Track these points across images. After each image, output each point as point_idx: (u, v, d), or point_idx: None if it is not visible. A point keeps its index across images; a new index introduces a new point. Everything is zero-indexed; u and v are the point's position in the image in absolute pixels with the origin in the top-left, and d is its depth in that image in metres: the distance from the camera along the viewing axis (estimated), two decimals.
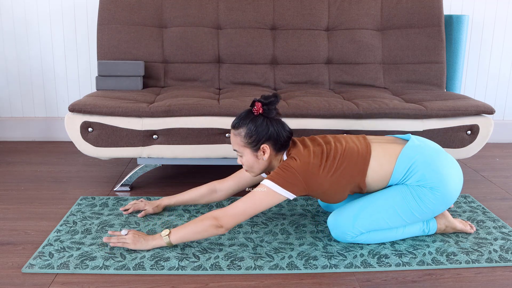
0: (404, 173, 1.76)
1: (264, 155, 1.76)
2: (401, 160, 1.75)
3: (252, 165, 1.79)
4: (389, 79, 2.85)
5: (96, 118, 2.20)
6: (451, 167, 1.76)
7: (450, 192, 1.75)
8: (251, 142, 1.74)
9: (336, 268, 1.68)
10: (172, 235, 1.72)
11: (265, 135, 1.74)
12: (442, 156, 1.78)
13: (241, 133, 1.75)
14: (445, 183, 1.73)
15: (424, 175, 1.73)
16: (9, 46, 3.10)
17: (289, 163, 1.71)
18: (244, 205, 1.68)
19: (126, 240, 1.74)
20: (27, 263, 1.66)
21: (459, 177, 1.79)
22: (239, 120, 1.76)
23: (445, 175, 1.73)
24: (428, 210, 1.76)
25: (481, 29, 3.26)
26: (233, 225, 1.70)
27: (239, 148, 1.77)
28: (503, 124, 3.42)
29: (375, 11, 2.87)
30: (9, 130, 3.22)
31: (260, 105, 1.74)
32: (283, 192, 1.69)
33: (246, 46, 2.79)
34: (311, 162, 1.71)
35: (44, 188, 2.39)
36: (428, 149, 1.78)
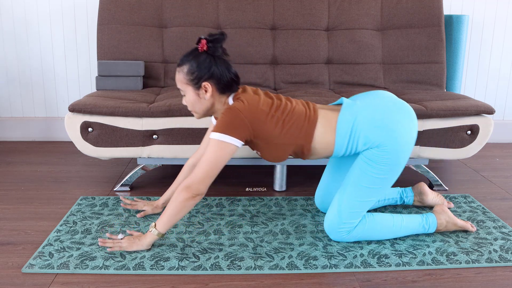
0: (348, 140, 1.74)
1: (205, 94, 1.74)
2: (340, 126, 1.74)
3: (194, 104, 1.77)
4: (389, 79, 2.85)
5: (96, 118, 2.20)
6: (393, 114, 1.72)
7: (400, 140, 1.71)
8: (193, 79, 1.72)
9: (336, 268, 1.68)
10: (158, 225, 1.72)
11: (207, 72, 1.72)
12: (381, 106, 1.74)
13: (184, 70, 1.73)
14: (390, 134, 1.70)
15: (367, 136, 1.71)
16: (9, 46, 3.10)
17: (234, 105, 1.69)
18: (204, 167, 1.67)
19: (122, 244, 1.74)
20: (27, 263, 1.66)
21: (406, 119, 1.73)
22: (183, 57, 1.75)
23: (387, 126, 1.70)
24: (387, 166, 1.72)
25: (481, 29, 3.26)
26: (205, 188, 1.68)
27: (182, 85, 1.76)
28: (503, 124, 3.42)
29: (375, 11, 2.87)
30: (9, 130, 3.22)
31: (205, 42, 1.72)
32: (230, 140, 1.66)
33: (246, 46, 2.79)
34: (259, 108, 1.71)
35: (44, 188, 2.39)
36: (364, 106, 1.75)
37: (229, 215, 2.09)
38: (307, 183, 2.52)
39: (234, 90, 1.79)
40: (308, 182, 2.54)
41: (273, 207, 2.18)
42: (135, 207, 2.09)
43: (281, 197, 2.30)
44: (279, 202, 2.25)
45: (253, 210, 2.15)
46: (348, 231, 1.80)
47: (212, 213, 2.11)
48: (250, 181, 2.54)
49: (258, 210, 2.15)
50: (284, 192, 2.39)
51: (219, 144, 1.67)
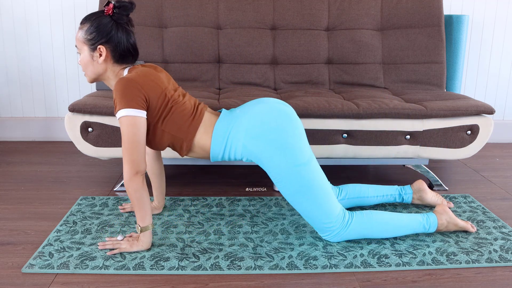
0: (224, 147, 1.75)
1: (99, 57, 1.72)
2: (216, 133, 1.75)
3: (87, 65, 1.74)
4: (389, 79, 2.85)
5: (96, 118, 2.20)
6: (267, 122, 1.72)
7: (281, 148, 1.70)
8: (90, 40, 1.70)
9: (336, 268, 1.68)
10: (139, 222, 1.72)
11: (105, 36, 1.70)
12: (255, 115, 1.74)
13: (84, 28, 1.71)
14: (267, 144, 1.70)
15: (245, 146, 1.73)
16: (9, 46, 3.10)
17: (126, 76, 1.68)
18: (130, 149, 1.64)
19: (122, 245, 1.74)
20: (27, 263, 1.66)
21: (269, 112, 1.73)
22: (87, 16, 1.74)
23: (263, 136, 1.70)
24: (291, 174, 1.71)
25: (481, 29, 3.26)
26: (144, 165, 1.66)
27: (79, 44, 1.73)
28: (503, 124, 3.42)
29: (375, 11, 2.87)
30: (9, 130, 3.22)
31: (112, 6, 1.71)
32: (133, 112, 1.63)
33: (246, 46, 2.79)
34: (154, 81, 1.70)
35: (44, 188, 2.39)
36: (241, 116, 1.76)
37: (229, 215, 2.09)
38: None
39: (129, 62, 1.77)
40: None
41: (273, 207, 2.18)
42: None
43: (281, 197, 2.30)
44: (279, 202, 2.25)
45: (253, 210, 2.15)
46: (340, 226, 1.79)
47: (212, 213, 2.11)
48: (250, 181, 2.54)
49: (258, 210, 2.15)
50: None
51: (126, 120, 1.64)
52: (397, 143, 2.31)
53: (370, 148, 2.30)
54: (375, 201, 2.14)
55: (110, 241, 1.77)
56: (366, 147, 2.30)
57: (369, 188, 2.13)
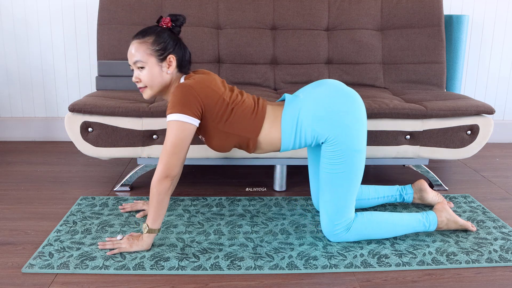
0: (294, 135, 1.74)
1: (168, 68, 1.73)
2: (284, 122, 1.74)
3: (154, 78, 1.72)
4: (389, 79, 2.85)
5: (96, 118, 2.20)
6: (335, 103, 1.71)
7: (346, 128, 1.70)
8: (159, 50, 1.71)
9: (336, 268, 1.68)
10: (148, 223, 1.72)
11: (173, 46, 1.72)
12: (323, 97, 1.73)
13: (149, 41, 1.71)
14: (335, 126, 1.70)
15: (314, 130, 1.72)
16: (9, 46, 3.10)
17: (184, 83, 1.68)
18: (170, 152, 1.64)
19: (122, 245, 1.74)
20: (27, 263, 1.66)
21: (347, 104, 1.72)
22: (146, 30, 1.73)
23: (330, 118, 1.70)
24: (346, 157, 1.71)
25: (481, 29, 3.26)
26: (177, 171, 1.67)
27: (143, 57, 1.70)
28: (503, 124, 3.42)
29: (375, 11, 2.87)
30: (9, 130, 3.22)
31: (169, 19, 1.73)
32: (185, 118, 1.64)
33: (246, 46, 2.79)
34: (211, 87, 1.70)
35: (44, 188, 2.39)
36: (307, 99, 1.75)
37: (229, 215, 2.09)
38: (307, 183, 2.52)
39: (187, 72, 1.79)
40: (308, 182, 2.54)
41: (273, 207, 2.18)
42: (134, 208, 2.09)
43: (281, 197, 2.30)
44: (279, 202, 2.25)
45: (253, 210, 2.15)
46: (345, 229, 1.80)
47: (212, 213, 2.11)
48: (250, 181, 2.54)
49: (258, 210, 2.15)
50: (284, 192, 2.39)
51: (176, 124, 1.64)
52: (397, 143, 2.31)
53: (370, 148, 2.30)
54: (375, 203, 2.14)
55: (110, 241, 1.77)
56: (366, 147, 2.30)
57: (370, 190, 2.13)
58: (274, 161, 2.32)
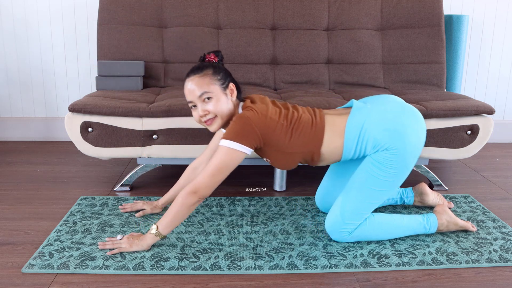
0: (356, 143, 1.74)
1: (231, 95, 1.77)
2: (349, 130, 1.75)
3: (223, 105, 1.75)
4: (389, 79, 2.85)
5: (96, 118, 2.20)
6: (402, 118, 1.73)
7: (409, 144, 1.72)
8: (221, 79, 1.75)
9: (336, 268, 1.68)
10: (159, 227, 1.72)
11: (229, 75, 1.78)
12: (391, 110, 1.75)
13: (208, 73, 1.74)
14: (399, 137, 1.70)
15: (376, 139, 1.72)
16: (9, 46, 3.10)
17: (244, 113, 1.71)
18: (211, 172, 1.67)
19: (122, 245, 1.74)
20: (27, 263, 1.66)
21: (415, 124, 1.75)
22: (198, 65, 1.77)
23: (396, 129, 1.71)
24: (395, 169, 1.73)
25: (481, 29, 3.26)
26: (209, 193, 1.69)
27: (208, 88, 1.73)
28: (503, 124, 3.42)
29: (375, 11, 2.87)
30: (9, 130, 3.22)
31: (214, 55, 1.78)
32: (240, 147, 1.67)
33: (246, 46, 2.79)
34: (269, 116, 1.72)
35: (44, 188, 2.39)
36: (375, 108, 1.76)
37: (229, 215, 2.09)
38: (307, 183, 2.52)
39: (241, 98, 1.83)
40: (308, 182, 2.54)
41: (273, 207, 2.18)
42: (134, 208, 2.09)
43: (281, 197, 2.30)
44: (279, 202, 2.25)
45: (253, 210, 2.15)
46: (350, 231, 1.80)
47: (212, 213, 2.11)
48: (250, 181, 2.54)
49: (258, 210, 2.15)
50: (284, 192, 2.39)
51: (228, 150, 1.68)
52: None
53: None
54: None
55: (110, 241, 1.77)
56: None
57: None
58: None
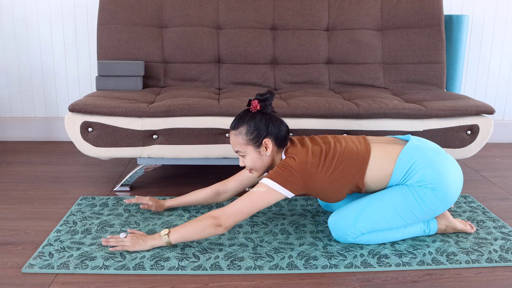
0: (404, 174, 1.75)
1: (266, 150, 1.77)
2: (401, 160, 1.75)
3: (256, 162, 1.79)
4: (389, 79, 2.85)
5: (96, 118, 2.20)
6: (451, 168, 1.76)
7: (451, 192, 1.75)
8: (253, 139, 1.75)
9: (336, 268, 1.68)
10: (171, 234, 1.72)
11: (266, 129, 1.75)
12: (442, 156, 1.78)
13: (242, 132, 1.75)
14: (446, 183, 1.73)
15: (424, 175, 1.73)
16: (9, 46, 3.10)
17: (287, 161, 1.72)
18: (242, 204, 1.68)
19: (125, 243, 1.74)
20: (27, 263, 1.66)
21: (459, 177, 1.79)
22: (238, 120, 1.77)
23: (445, 175, 1.73)
24: (429, 210, 1.76)
25: (481, 29, 3.26)
26: (232, 224, 1.69)
27: (241, 147, 1.77)
28: (503, 124, 3.42)
29: (375, 11, 2.87)
30: (9, 130, 3.22)
31: (257, 102, 1.76)
32: (282, 190, 1.69)
33: (246, 46, 2.79)
34: (309, 161, 1.71)
35: (44, 188, 2.39)
36: (428, 149, 1.79)
37: None
38: None
39: (286, 144, 1.82)
40: None
41: (273, 207, 2.18)
42: (140, 201, 2.07)
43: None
44: (279, 202, 2.25)
45: None
46: (354, 237, 1.80)
47: None
48: None
49: None
50: None
51: (269, 190, 1.69)
52: None
53: None
54: None
55: (113, 239, 1.77)
56: None
57: None
58: None
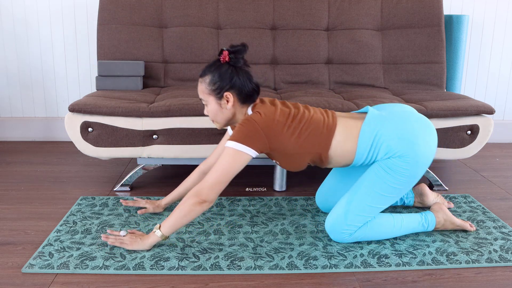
0: (369, 149, 1.74)
1: (227, 103, 1.76)
2: (363, 135, 1.74)
3: (216, 114, 1.78)
4: (389, 79, 2.85)
5: (96, 118, 2.20)
6: (418, 130, 1.73)
7: (422, 155, 1.72)
8: (215, 89, 1.74)
9: (336, 268, 1.68)
10: (162, 227, 1.72)
11: (229, 83, 1.74)
12: (407, 120, 1.75)
13: (206, 80, 1.75)
14: (413, 148, 1.70)
15: (390, 146, 1.72)
16: (9, 46, 3.10)
17: (251, 117, 1.71)
18: (217, 174, 1.68)
19: (124, 241, 1.75)
20: (27, 263, 1.66)
21: (430, 136, 1.75)
22: (206, 68, 1.77)
23: (411, 139, 1.71)
24: (405, 177, 1.73)
25: (481, 29, 3.26)
26: (215, 196, 1.69)
27: (204, 96, 1.77)
28: (503, 124, 3.43)
29: (375, 11, 2.87)
30: (9, 130, 3.22)
31: (227, 53, 1.74)
32: (246, 149, 1.67)
33: None
34: (276, 119, 1.71)
35: (44, 188, 2.39)
36: (391, 116, 1.76)
37: (229, 215, 2.09)
38: (307, 183, 2.52)
39: (254, 100, 1.81)
40: (308, 182, 2.54)
41: (273, 207, 2.18)
42: (136, 204, 2.09)
43: (281, 197, 2.30)
44: (279, 202, 2.25)
45: (253, 210, 2.15)
46: (351, 233, 1.80)
47: (212, 213, 2.11)
48: (250, 181, 2.54)
49: (258, 210, 2.15)
50: (284, 192, 2.39)
51: (234, 152, 1.68)
52: None
53: None
54: None
55: (112, 236, 1.78)
56: None
57: None
58: None
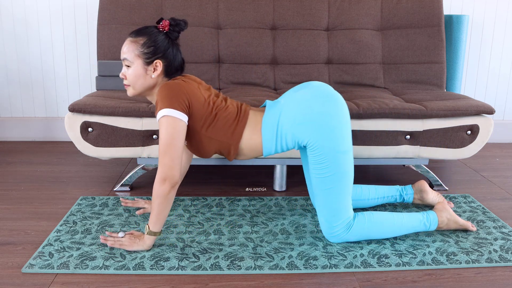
0: (275, 139, 1.74)
1: (154, 72, 1.73)
2: (265, 127, 1.75)
3: (137, 79, 1.73)
4: (389, 79, 2.85)
5: (96, 118, 2.20)
6: (312, 108, 1.70)
7: (327, 132, 1.68)
8: (147, 53, 1.71)
9: (336, 268, 1.68)
10: (150, 226, 1.72)
11: (162, 51, 1.72)
12: (300, 101, 1.72)
13: (140, 42, 1.71)
14: (314, 129, 1.69)
15: (294, 134, 1.72)
16: (9, 46, 3.10)
17: (173, 81, 1.69)
18: (165, 153, 1.63)
19: (123, 242, 1.75)
20: (27, 263, 1.66)
21: (328, 108, 1.70)
22: (141, 29, 1.74)
23: (308, 121, 1.69)
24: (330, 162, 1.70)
25: (481, 29, 3.26)
26: (176, 173, 1.64)
27: (130, 56, 1.71)
28: (503, 124, 3.43)
29: (375, 11, 2.87)
30: (9, 130, 3.22)
31: (168, 24, 1.73)
32: (174, 113, 1.63)
33: (246, 46, 2.79)
34: (197, 90, 1.72)
35: (44, 188, 2.39)
36: (286, 104, 1.75)
37: (229, 215, 2.09)
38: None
39: (176, 76, 1.79)
40: None
41: (273, 207, 2.18)
42: (136, 205, 2.10)
43: (281, 197, 2.30)
44: (279, 202, 2.25)
45: (253, 210, 2.15)
46: (345, 229, 1.80)
47: (212, 213, 2.11)
48: (250, 181, 2.54)
49: (258, 210, 2.15)
50: (284, 192, 2.39)
51: (166, 120, 1.64)
52: (397, 143, 2.31)
53: (370, 148, 2.30)
54: (375, 203, 2.14)
55: (111, 237, 1.78)
56: (366, 147, 2.30)
57: (370, 190, 2.12)
58: (274, 161, 2.32)
